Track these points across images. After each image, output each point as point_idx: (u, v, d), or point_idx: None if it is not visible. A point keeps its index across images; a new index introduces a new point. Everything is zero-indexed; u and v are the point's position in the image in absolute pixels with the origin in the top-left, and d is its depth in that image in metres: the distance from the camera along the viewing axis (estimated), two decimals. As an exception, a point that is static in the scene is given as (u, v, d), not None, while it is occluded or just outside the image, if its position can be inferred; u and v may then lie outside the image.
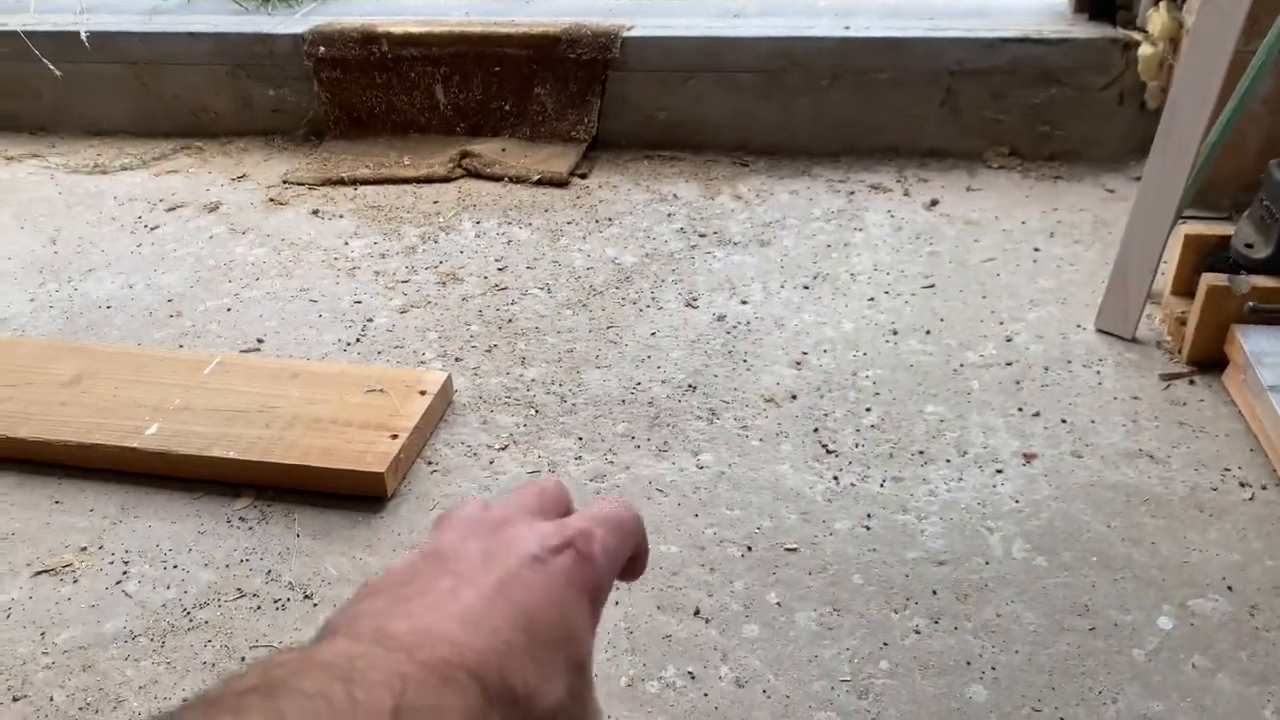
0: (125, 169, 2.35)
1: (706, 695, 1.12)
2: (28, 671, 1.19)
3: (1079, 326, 1.64)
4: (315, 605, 1.25)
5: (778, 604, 1.22)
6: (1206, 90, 1.48)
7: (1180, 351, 1.55)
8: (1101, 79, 2.03)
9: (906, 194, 2.04)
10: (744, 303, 1.76)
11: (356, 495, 1.40)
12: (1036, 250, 1.84)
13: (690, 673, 1.14)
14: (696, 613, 1.21)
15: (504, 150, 2.23)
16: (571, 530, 0.39)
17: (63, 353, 1.65)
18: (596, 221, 2.02)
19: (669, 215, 2.03)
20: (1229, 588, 1.19)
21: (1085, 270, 1.78)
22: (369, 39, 2.25)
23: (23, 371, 1.60)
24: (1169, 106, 1.52)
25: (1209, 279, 1.48)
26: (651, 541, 1.30)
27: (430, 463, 1.46)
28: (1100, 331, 1.62)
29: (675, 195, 2.09)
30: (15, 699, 1.16)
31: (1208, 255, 1.55)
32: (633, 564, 0.45)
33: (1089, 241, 1.86)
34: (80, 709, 1.15)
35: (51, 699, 1.16)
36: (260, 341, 1.74)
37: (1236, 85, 1.54)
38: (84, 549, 1.35)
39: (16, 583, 1.31)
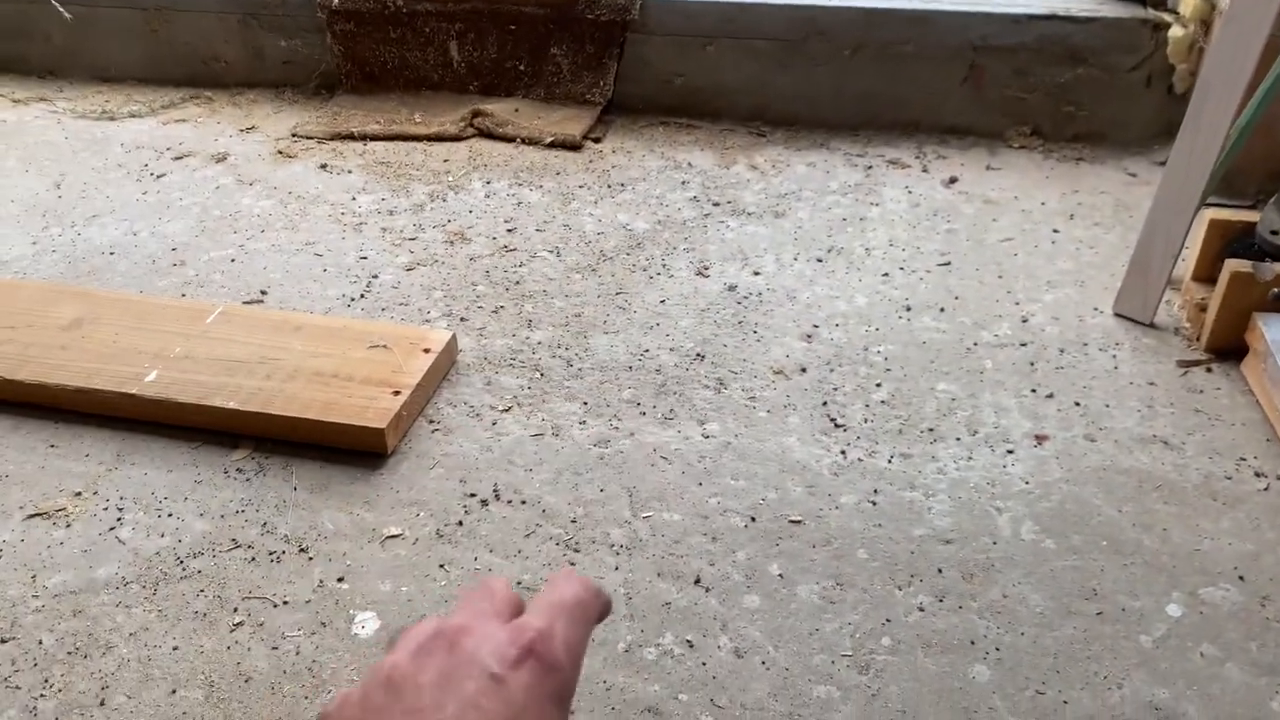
0: (133, 116, 2.32)
1: (704, 664, 1.10)
2: (17, 614, 1.18)
3: (1096, 310, 1.61)
4: (310, 559, 1.23)
5: (780, 576, 1.20)
6: (1239, 72, 1.44)
7: (1199, 338, 1.52)
8: (1129, 60, 1.99)
9: (925, 170, 2.00)
10: (756, 274, 1.73)
11: (356, 451, 1.37)
12: (1055, 232, 1.81)
13: (689, 641, 1.12)
14: (697, 581, 1.19)
15: (517, 111, 2.19)
16: (530, 633, 0.38)
17: (64, 296, 1.63)
18: (609, 186, 1.99)
19: (683, 183, 1.99)
20: (1240, 577, 1.17)
21: (1105, 253, 1.75)
22: (384, -8, 2.21)
23: (23, 314, 1.58)
24: (1199, 88, 1.49)
25: (1232, 265, 1.45)
26: (654, 509, 1.28)
27: (432, 421, 1.44)
28: (1118, 315, 1.59)
29: (690, 163, 2.06)
30: (3, 641, 1.15)
31: (1232, 241, 1.52)
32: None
33: (1109, 225, 1.82)
34: (69, 653, 1.13)
35: (40, 642, 1.15)
36: (264, 293, 1.71)
37: (1270, 69, 1.50)
38: (78, 494, 1.34)
39: (9, 525, 1.29)
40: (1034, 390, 1.45)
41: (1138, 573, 1.18)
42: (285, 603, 1.18)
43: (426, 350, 1.49)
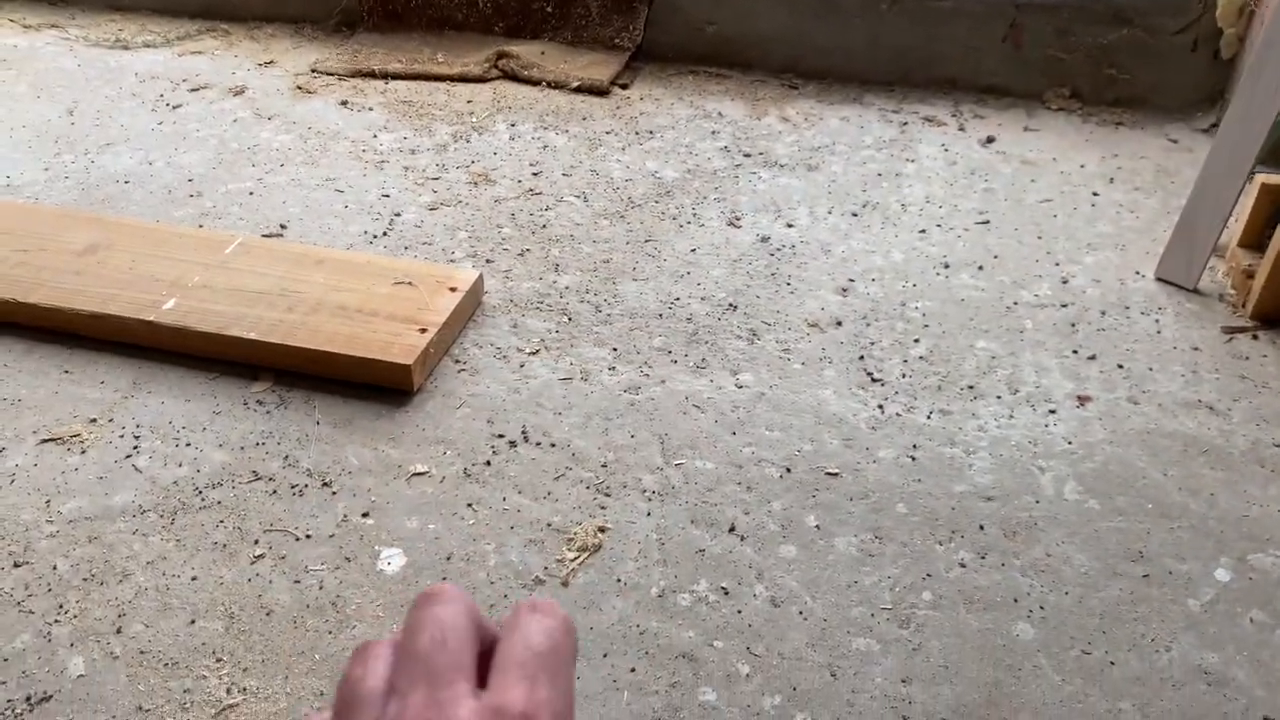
0: (148, 46, 2.26)
1: (740, 612, 1.07)
2: (30, 539, 1.14)
3: (1138, 273, 1.57)
4: (334, 494, 1.20)
5: (816, 527, 1.16)
6: (1301, 31, 1.40)
7: (1244, 305, 1.48)
8: (1176, 22, 1.94)
9: (962, 129, 1.95)
10: (789, 226, 1.69)
11: (380, 387, 1.34)
12: (1095, 195, 1.76)
13: (724, 588, 1.09)
14: (732, 529, 1.16)
15: (543, 53, 2.14)
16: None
17: (79, 222, 1.58)
18: (637, 133, 1.94)
19: (713, 133, 1.94)
20: (1290, 545, 1.14)
21: (1146, 218, 1.70)
22: (410, -74, 2.15)
23: (36, 237, 1.53)
24: (1260, 48, 1.44)
25: (1285, 230, 1.41)
26: (686, 457, 1.25)
27: (458, 361, 1.40)
28: (1160, 280, 1.56)
29: (720, 113, 2.01)
30: (16, 565, 1.11)
31: (1284, 207, 1.48)
32: None
33: (1150, 190, 1.78)
34: (84, 579, 1.10)
35: (54, 568, 1.11)
36: (283, 227, 1.67)
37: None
38: (93, 420, 1.30)
39: (22, 449, 1.26)
40: (1075, 351, 1.42)
41: (1184, 536, 1.15)
42: (308, 536, 1.14)
43: (453, 289, 1.44)
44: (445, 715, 0.29)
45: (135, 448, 1.26)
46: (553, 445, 1.27)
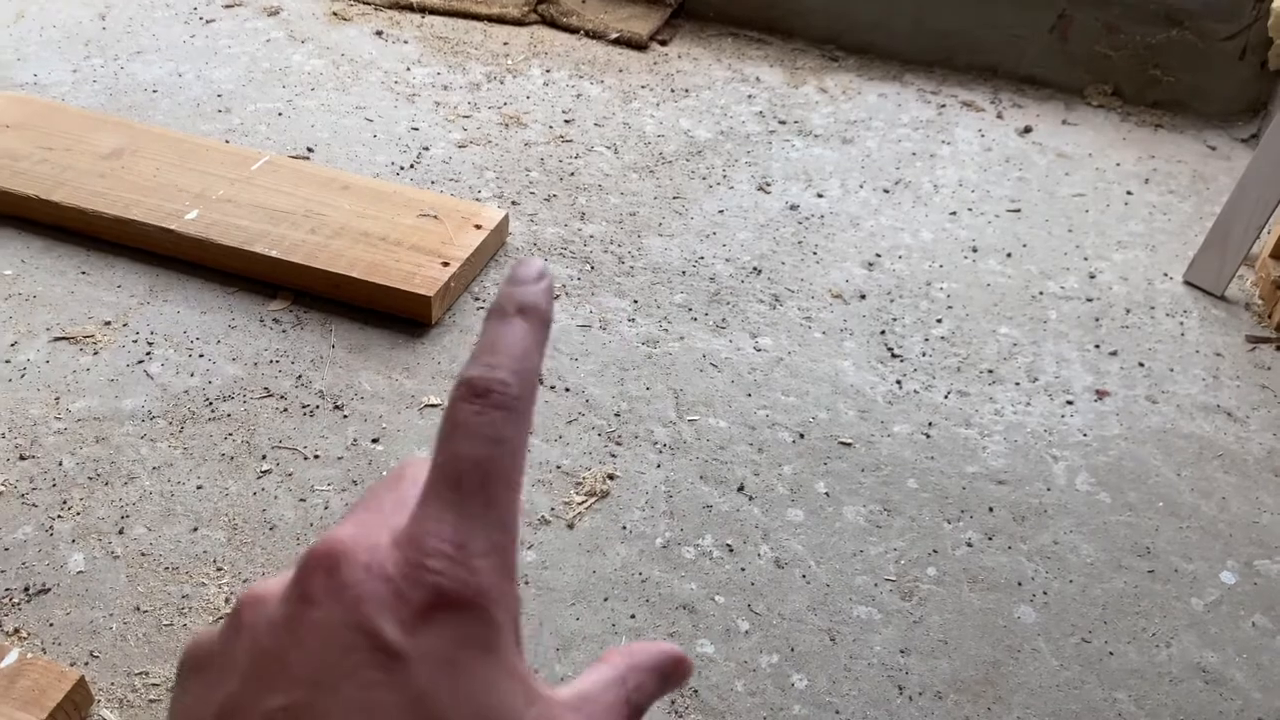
0: (184, -42, 2.22)
1: (743, 570, 1.06)
2: (38, 433, 1.14)
3: (1166, 275, 1.56)
4: (345, 417, 1.19)
5: (826, 494, 1.16)
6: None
7: (1270, 316, 1.47)
8: (1226, 28, 1.91)
9: (999, 116, 1.93)
10: (820, 196, 1.67)
11: (398, 316, 1.33)
12: (1129, 194, 1.75)
13: (729, 545, 1.09)
14: (741, 489, 1.15)
15: (584, 2, 2.11)
16: (435, 564, 0.23)
17: (105, 125, 1.56)
18: (672, 90, 1.92)
19: (749, 97, 1.92)
20: (1298, 554, 1.14)
21: (1178, 221, 1.69)
22: None
23: (63, 136, 1.52)
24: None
25: (1321, 243, 1.40)
26: (700, 413, 1.24)
27: (477, 299, 1.39)
28: (1188, 284, 1.54)
29: (758, 78, 1.98)
30: (23, 458, 1.10)
31: (1321, 220, 1.46)
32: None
33: (1185, 194, 1.76)
34: (90, 478, 1.09)
35: (60, 464, 1.10)
36: (310, 150, 1.65)
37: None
38: (108, 323, 1.29)
39: (34, 345, 1.25)
40: (1097, 346, 1.41)
41: (1193, 537, 1.14)
42: (316, 456, 1.14)
43: (478, 226, 1.43)
44: (365, 531, 0.24)
45: (148, 354, 1.25)
46: (567, 390, 1.26)
